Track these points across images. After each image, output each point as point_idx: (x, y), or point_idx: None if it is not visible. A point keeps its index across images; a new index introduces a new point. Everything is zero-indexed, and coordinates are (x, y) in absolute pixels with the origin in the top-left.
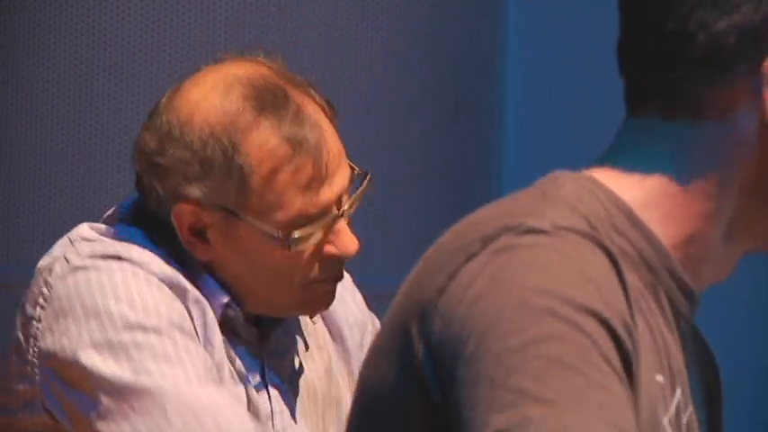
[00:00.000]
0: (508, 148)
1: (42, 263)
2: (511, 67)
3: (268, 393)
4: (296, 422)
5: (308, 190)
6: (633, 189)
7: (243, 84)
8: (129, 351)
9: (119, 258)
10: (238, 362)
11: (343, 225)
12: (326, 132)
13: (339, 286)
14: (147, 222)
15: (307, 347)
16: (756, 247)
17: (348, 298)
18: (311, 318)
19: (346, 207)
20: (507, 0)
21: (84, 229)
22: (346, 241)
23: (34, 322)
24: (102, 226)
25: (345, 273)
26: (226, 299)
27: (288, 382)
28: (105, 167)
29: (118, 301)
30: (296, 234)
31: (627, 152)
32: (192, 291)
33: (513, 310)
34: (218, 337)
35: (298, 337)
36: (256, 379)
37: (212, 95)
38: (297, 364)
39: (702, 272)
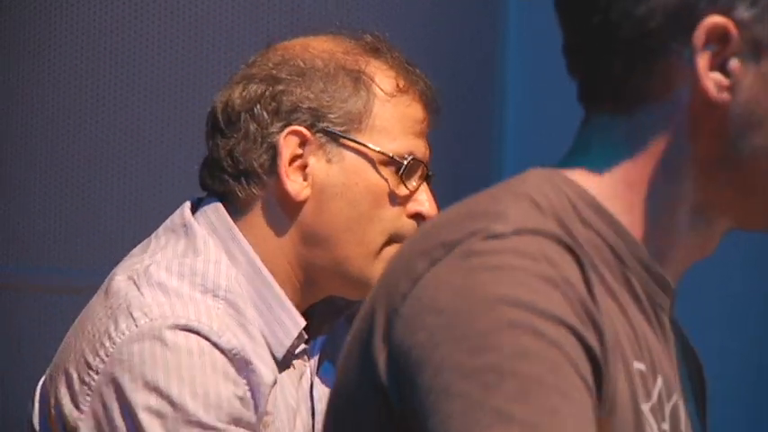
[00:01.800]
0: (508, 148)
1: (113, 287)
2: (511, 67)
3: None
4: None
5: (418, 135)
6: (597, 183)
7: (349, 36)
8: None
9: (187, 329)
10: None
11: (427, 188)
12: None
13: None
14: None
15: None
16: (736, 224)
17: None
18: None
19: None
20: (507, 0)
21: (162, 270)
22: (432, 203)
23: (91, 371)
24: (179, 263)
25: None
26: (298, 328)
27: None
28: (109, 167)
29: (181, 386)
30: (409, 159)
31: (586, 151)
32: (254, 360)
33: (485, 322)
34: (273, 395)
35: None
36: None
37: (320, 39)
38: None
39: (676, 257)
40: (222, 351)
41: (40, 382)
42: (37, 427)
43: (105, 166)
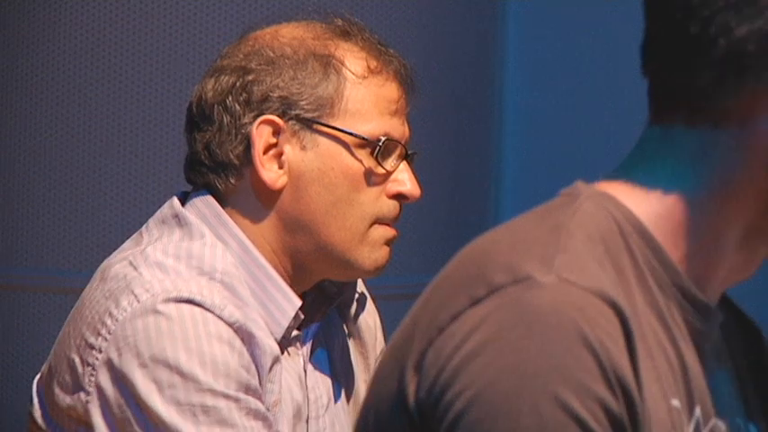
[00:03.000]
0: (508, 148)
1: (110, 273)
2: (511, 67)
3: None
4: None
5: (393, 114)
6: (647, 202)
7: (321, 20)
8: (197, 413)
9: (190, 302)
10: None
11: (408, 168)
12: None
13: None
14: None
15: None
16: None
17: (367, 301)
18: (373, 275)
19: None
20: (507, 0)
21: (158, 252)
22: (413, 182)
23: (94, 351)
24: (176, 246)
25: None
26: (295, 308)
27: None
28: (109, 168)
29: (189, 356)
30: (383, 140)
31: (646, 162)
32: (257, 333)
33: (507, 384)
34: (276, 372)
35: (335, 335)
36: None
37: (291, 25)
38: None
39: (717, 279)
40: (226, 322)
41: (36, 379)
42: (40, 421)
43: (106, 168)
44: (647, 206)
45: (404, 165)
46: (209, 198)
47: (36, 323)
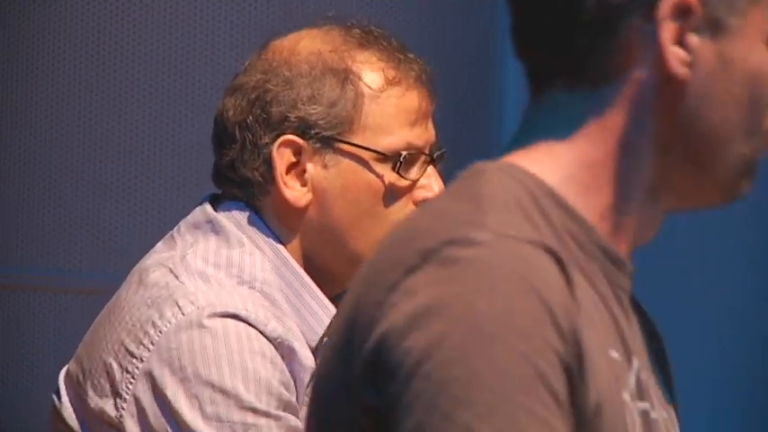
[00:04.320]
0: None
1: (150, 279)
2: (511, 66)
3: None
4: None
5: (414, 124)
6: (551, 169)
7: (340, 28)
8: (237, 431)
9: (235, 317)
10: None
11: (434, 171)
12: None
13: None
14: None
15: None
16: (676, 205)
17: None
18: None
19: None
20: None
21: (198, 259)
22: (440, 186)
23: (134, 360)
24: (215, 254)
25: None
26: (330, 315)
27: None
28: (110, 168)
29: (233, 373)
30: (404, 154)
31: (539, 132)
32: (297, 348)
33: (460, 334)
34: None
35: None
36: None
37: (311, 35)
38: None
39: (628, 236)
40: (269, 339)
41: (62, 376)
42: (69, 420)
43: (107, 168)
44: (552, 172)
45: (430, 169)
46: (243, 206)
47: (36, 323)
